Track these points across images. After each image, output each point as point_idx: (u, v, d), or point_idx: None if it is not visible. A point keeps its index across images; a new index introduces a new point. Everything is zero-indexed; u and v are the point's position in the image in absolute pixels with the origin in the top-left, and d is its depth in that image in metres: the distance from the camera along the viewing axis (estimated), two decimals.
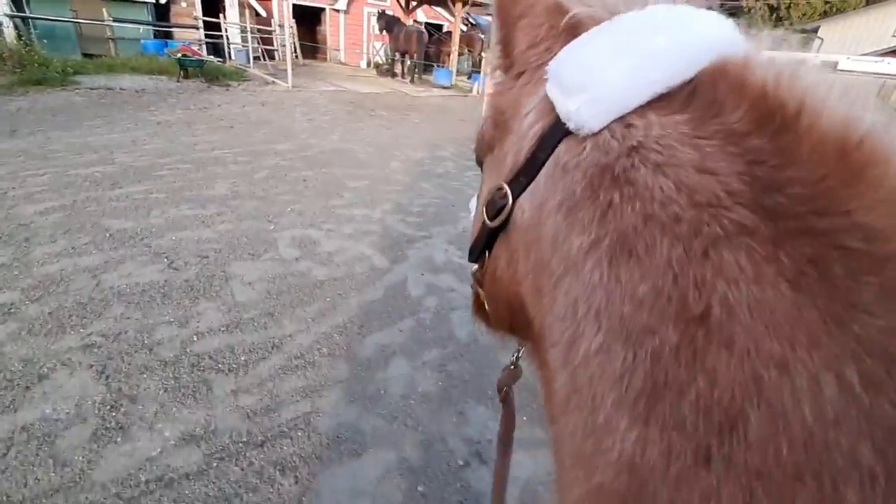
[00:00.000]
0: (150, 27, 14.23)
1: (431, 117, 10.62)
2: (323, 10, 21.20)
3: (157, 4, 14.46)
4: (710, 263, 0.29)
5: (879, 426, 0.23)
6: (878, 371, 0.24)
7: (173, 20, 15.40)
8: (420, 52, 16.18)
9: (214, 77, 11.96)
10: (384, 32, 16.86)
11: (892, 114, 0.29)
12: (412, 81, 16.27)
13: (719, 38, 0.35)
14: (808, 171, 0.27)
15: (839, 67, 20.18)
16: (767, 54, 0.33)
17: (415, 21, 19.20)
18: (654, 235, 0.31)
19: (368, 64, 21.98)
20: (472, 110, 12.40)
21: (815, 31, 26.86)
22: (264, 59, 16.21)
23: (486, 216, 0.47)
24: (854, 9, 38.93)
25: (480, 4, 16.35)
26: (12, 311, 2.63)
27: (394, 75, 16.88)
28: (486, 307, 0.57)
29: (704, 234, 0.29)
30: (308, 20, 21.70)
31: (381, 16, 16.32)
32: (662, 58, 0.34)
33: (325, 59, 22.07)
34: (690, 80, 0.34)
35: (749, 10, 40.53)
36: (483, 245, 0.50)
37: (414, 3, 18.49)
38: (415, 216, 4.69)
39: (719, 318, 0.27)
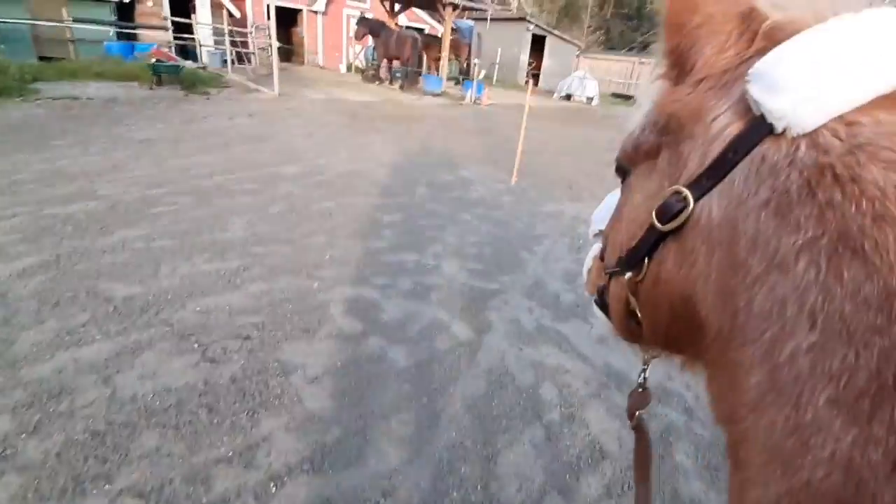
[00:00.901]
0: (114, 28, 12.93)
1: (437, 130, 9.94)
2: (299, 11, 20.17)
3: (120, 4, 13.17)
4: None
5: None
6: None
7: (138, 20, 14.13)
8: (414, 58, 15.44)
9: (191, 84, 10.89)
10: (366, 37, 15.93)
11: None
12: (402, 88, 15.52)
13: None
14: None
15: None
16: None
17: (398, 25, 18.46)
18: (886, 233, 0.31)
19: (349, 68, 21.07)
20: (476, 121, 11.78)
21: None
22: (238, 63, 15.10)
23: (656, 220, 0.46)
24: None
25: (472, 9, 15.81)
26: (6, 452, 1.82)
27: (381, 81, 16.07)
28: (639, 316, 0.55)
29: None
30: (283, 21, 20.57)
31: (363, 20, 15.41)
32: (877, 60, 0.34)
33: (301, 63, 21.01)
34: None
35: None
36: (644, 251, 0.49)
37: (399, 7, 17.74)
38: (473, 260, 4.02)
39: None
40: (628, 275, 0.53)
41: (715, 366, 0.43)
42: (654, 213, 0.46)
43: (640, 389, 0.71)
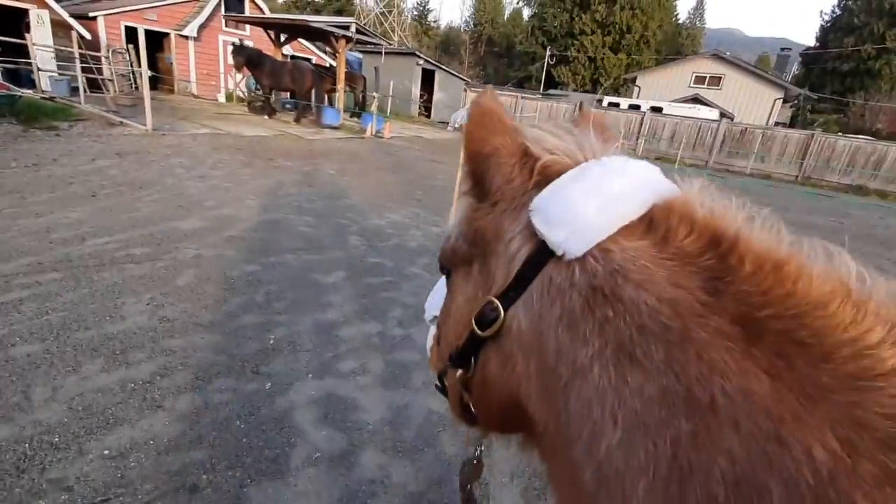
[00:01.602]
0: None
1: (347, 167, 9.33)
2: (166, 35, 18.13)
3: None
4: (704, 363, 0.35)
5: (865, 481, 0.29)
6: (851, 435, 0.30)
7: None
8: (316, 89, 14.56)
9: (31, 117, 8.89)
10: (244, 67, 14.58)
11: (796, 238, 0.39)
12: (297, 121, 14.55)
13: (658, 180, 0.47)
14: (756, 284, 0.36)
15: (665, 112, 24.39)
16: (700, 193, 0.45)
17: (283, 55, 17.49)
18: (650, 342, 0.37)
19: (229, 98, 19.37)
20: (384, 155, 11.37)
21: (634, 80, 32.24)
22: (88, 92, 12.87)
23: (475, 327, 0.52)
24: (651, 66, 48.20)
25: (366, 42, 15.58)
26: None
27: (270, 113, 14.91)
28: (473, 409, 0.60)
29: (694, 339, 0.36)
30: (147, 46, 18.31)
31: (241, 49, 14.10)
32: (626, 197, 0.44)
33: (170, 91, 18.79)
34: (645, 214, 0.43)
35: (574, 59, 47.25)
36: (470, 352, 0.55)
37: (285, 38, 16.85)
38: None
39: (724, 405, 0.33)
40: (459, 372, 0.58)
41: (550, 459, 0.49)
42: (473, 320, 0.52)
43: (475, 462, 0.74)
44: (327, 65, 20.68)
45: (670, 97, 28.36)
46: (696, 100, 28.39)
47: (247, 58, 13.88)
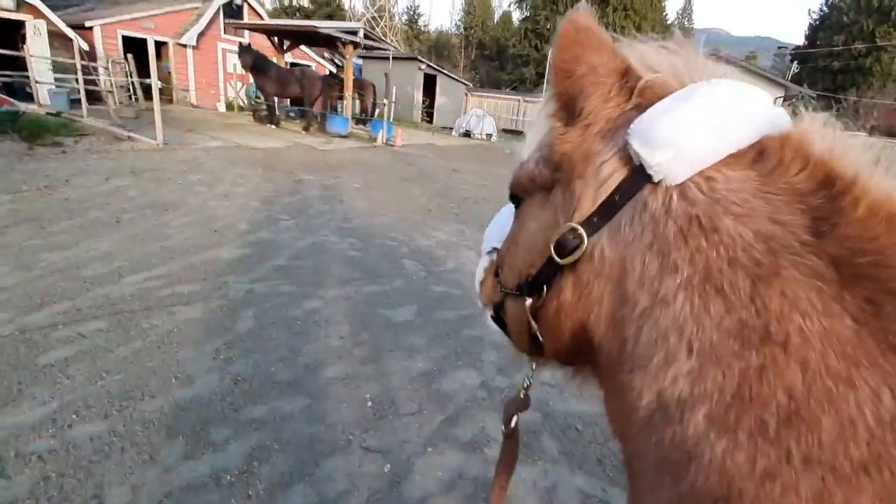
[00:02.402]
0: None
1: (370, 179, 8.88)
2: (164, 43, 17.58)
3: None
4: (788, 300, 0.36)
5: None
6: None
7: None
8: (325, 98, 14.09)
9: (34, 134, 8.35)
10: (248, 71, 14.13)
11: None
12: (306, 130, 14.07)
13: (773, 112, 0.45)
14: (864, 230, 0.35)
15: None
16: (821, 129, 0.42)
17: (285, 63, 17.01)
18: (738, 276, 0.38)
19: (229, 107, 18.85)
20: (402, 166, 10.93)
21: None
22: (90, 104, 12.31)
23: (555, 254, 0.51)
24: None
25: (374, 48, 15.15)
26: None
27: (276, 122, 14.42)
28: (540, 338, 0.60)
29: (782, 276, 0.37)
30: (143, 55, 17.75)
31: (248, 49, 13.60)
32: (736, 124, 0.43)
33: (170, 101, 18.21)
34: (755, 143, 0.42)
35: (530, 79, 47.18)
36: (543, 280, 0.55)
37: (288, 44, 16.38)
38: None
39: (797, 343, 0.35)
40: (529, 301, 0.58)
41: (608, 387, 0.51)
42: (552, 248, 0.52)
43: (522, 395, 0.77)
44: (327, 71, 20.21)
45: None
46: None
47: (253, 60, 13.39)
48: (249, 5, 19.17)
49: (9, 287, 3.32)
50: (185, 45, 17.64)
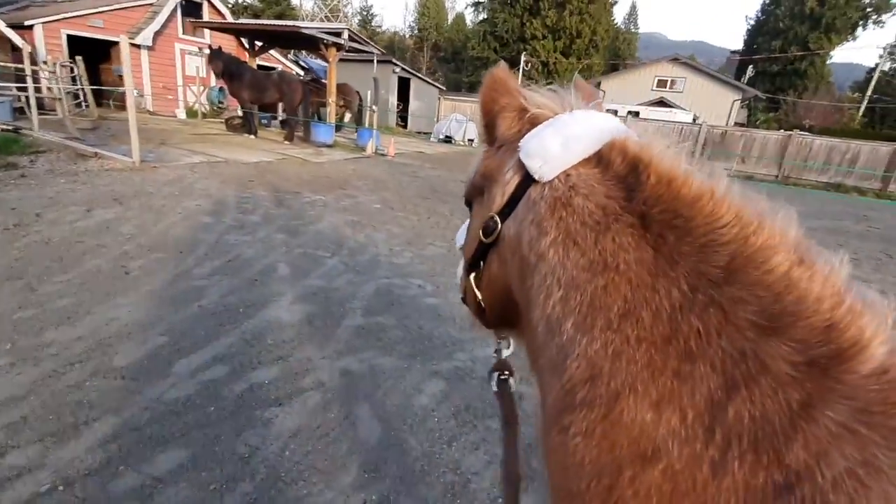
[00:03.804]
0: None
1: (385, 198, 8.01)
2: (115, 43, 15.74)
3: None
4: (616, 243, 0.54)
5: (696, 305, 0.47)
6: (694, 281, 0.48)
7: None
8: (306, 104, 12.91)
9: None
10: (220, 78, 12.77)
11: (683, 152, 0.60)
12: (289, 140, 12.86)
13: (611, 126, 0.64)
14: (654, 191, 0.53)
15: (642, 116, 24.59)
16: (636, 135, 0.63)
17: (257, 65, 15.65)
18: (586, 232, 0.56)
19: (190, 114, 17.19)
20: (408, 178, 10.05)
21: (598, 84, 32.61)
22: (27, 113, 10.62)
23: (482, 236, 0.73)
24: (600, 69, 49.32)
25: (359, 51, 14.15)
26: None
27: (253, 132, 13.12)
28: (484, 305, 0.81)
29: (612, 229, 0.55)
30: (91, 56, 15.79)
31: (218, 54, 12.24)
32: (582, 138, 0.62)
33: (121, 108, 16.37)
34: (598, 150, 0.61)
35: (528, 63, 47.56)
36: (479, 257, 0.76)
37: (259, 46, 15.05)
38: None
39: (624, 268, 0.52)
40: (472, 275, 0.79)
41: (524, 329, 0.70)
42: (480, 231, 0.73)
43: (495, 357, 0.92)
44: (297, 75, 18.88)
45: (635, 101, 28.84)
46: (661, 102, 29.07)
47: (225, 64, 12.08)
48: (210, 3, 17.60)
49: (20, 399, 2.32)
50: (139, 46, 15.87)
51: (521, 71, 46.01)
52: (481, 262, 0.76)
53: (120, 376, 2.60)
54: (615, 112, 25.14)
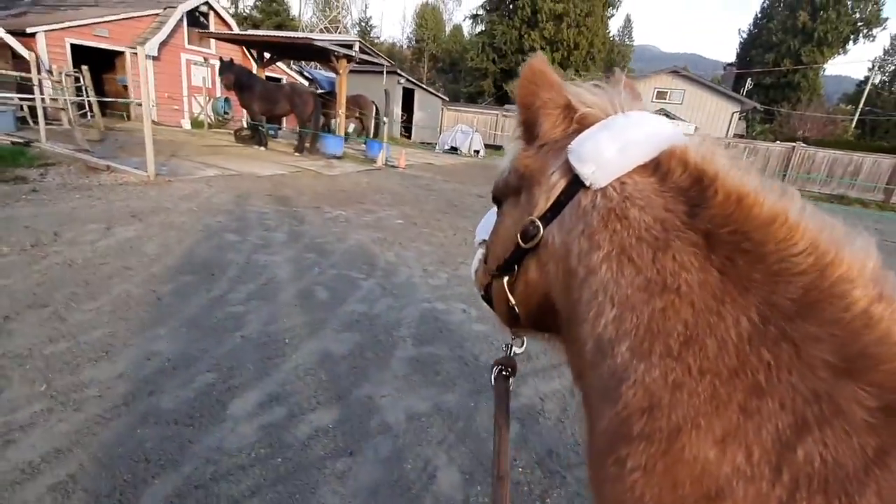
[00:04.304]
0: None
1: (405, 213, 7.82)
2: (120, 53, 15.60)
3: None
4: (677, 262, 0.51)
5: (767, 338, 0.45)
6: (766, 312, 0.45)
7: None
8: (316, 116, 12.75)
9: None
10: (231, 90, 12.60)
11: (760, 173, 0.54)
12: (300, 152, 12.68)
13: (669, 132, 0.60)
14: (722, 209, 0.50)
15: None
16: (696, 143, 0.58)
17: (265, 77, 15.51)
18: (643, 248, 0.53)
19: (196, 124, 17.01)
20: (423, 192, 9.87)
21: None
22: (33, 123, 10.40)
23: (520, 241, 0.68)
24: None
25: (369, 62, 14.06)
26: None
27: (264, 144, 12.93)
28: (517, 309, 0.76)
29: (673, 246, 0.52)
30: (95, 65, 15.59)
31: (230, 66, 12.11)
32: (640, 143, 0.58)
33: (127, 119, 16.18)
34: (655, 157, 0.58)
35: (488, 92, 47.69)
36: (514, 261, 0.72)
37: (269, 57, 14.93)
38: None
39: (686, 290, 0.49)
40: (506, 278, 0.74)
41: (567, 341, 0.67)
42: (519, 235, 0.68)
43: (506, 354, 0.96)
44: (307, 86, 18.76)
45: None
46: (662, 114, 29.19)
47: (237, 76, 11.93)
48: (217, 14, 17.50)
49: (65, 453, 2.10)
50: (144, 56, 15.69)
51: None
52: (515, 266, 0.72)
53: (172, 421, 2.37)
54: None
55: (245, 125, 13.92)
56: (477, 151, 20.31)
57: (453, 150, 20.35)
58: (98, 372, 2.69)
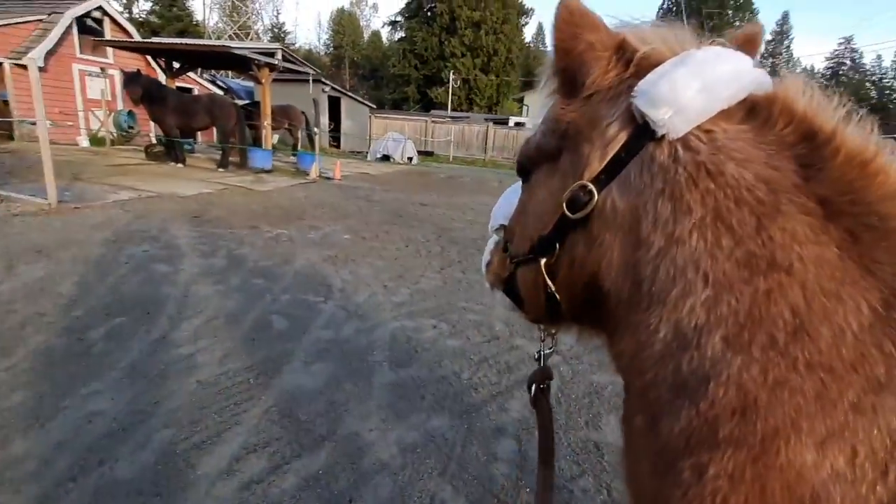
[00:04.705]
0: None
1: (350, 226, 7.52)
2: None
3: None
4: (787, 233, 0.43)
5: (892, 327, 0.40)
6: (890, 298, 0.40)
7: None
8: (242, 129, 11.89)
9: None
10: (139, 105, 11.42)
11: (882, 140, 0.47)
12: (224, 167, 11.80)
13: (757, 73, 0.51)
14: (844, 174, 0.44)
15: None
16: (801, 89, 0.49)
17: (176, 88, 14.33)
18: (745, 213, 0.45)
19: (97, 142, 15.35)
20: (366, 204, 9.56)
21: (521, 100, 34.11)
22: None
23: (566, 210, 0.57)
24: (517, 86, 51.53)
25: (294, 71, 13.47)
26: None
27: (181, 160, 11.91)
28: (557, 296, 0.65)
29: (783, 212, 0.44)
30: None
31: (136, 78, 10.97)
32: (727, 82, 0.50)
33: (7, 138, 14.22)
34: (744, 101, 0.50)
35: (448, 80, 48.62)
36: (556, 238, 0.61)
37: (178, 66, 13.82)
38: None
39: (798, 268, 0.42)
40: (543, 260, 0.63)
41: (618, 330, 0.56)
42: (564, 205, 0.57)
43: (540, 365, 0.83)
44: (219, 95, 17.56)
45: None
46: None
47: (145, 89, 10.88)
48: (113, 20, 15.91)
49: None
50: (26, 67, 13.88)
51: (449, 87, 46.87)
52: (556, 245, 0.61)
53: (134, 492, 2.05)
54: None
55: (155, 140, 12.70)
56: (410, 159, 20.23)
57: (385, 158, 20.10)
58: (31, 443, 2.27)
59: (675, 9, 51.30)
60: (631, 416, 0.53)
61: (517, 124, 26.62)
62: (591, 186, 0.54)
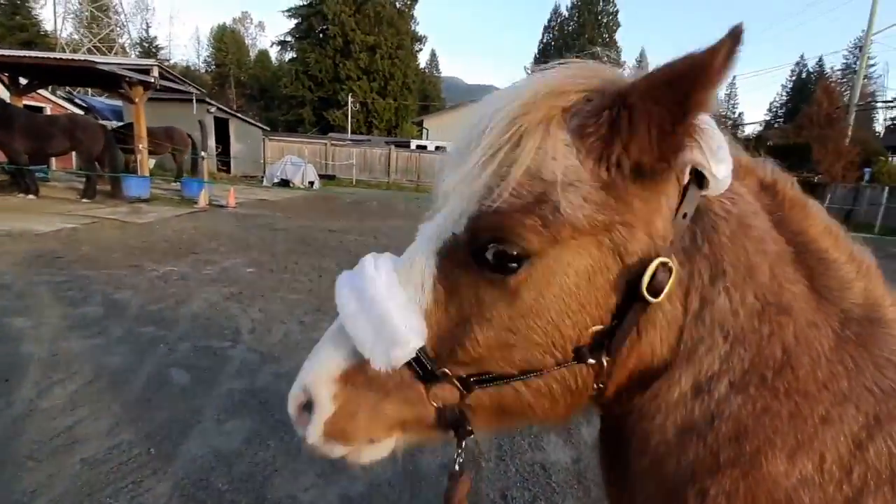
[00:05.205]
0: None
1: (254, 259, 6.90)
2: None
3: None
4: (785, 276, 0.51)
5: (849, 345, 0.50)
6: (843, 318, 0.50)
7: None
8: (111, 154, 10.30)
9: None
10: None
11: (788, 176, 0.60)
12: (89, 197, 10.16)
13: (728, 143, 0.56)
14: (793, 217, 0.56)
15: None
16: (757, 160, 0.60)
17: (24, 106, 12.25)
18: (764, 263, 0.51)
19: None
20: (269, 234, 8.89)
21: (421, 123, 34.86)
22: None
23: (648, 295, 0.50)
24: (414, 109, 52.75)
25: (173, 90, 12.24)
26: None
27: (33, 192, 10.06)
28: (606, 391, 0.58)
29: (782, 258, 0.51)
30: None
31: None
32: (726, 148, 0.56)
33: None
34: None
35: (346, 103, 48.21)
36: (620, 329, 0.53)
37: (26, 82, 11.83)
38: None
39: (795, 307, 0.51)
40: (592, 361, 0.55)
41: (628, 396, 0.57)
42: (644, 289, 0.50)
43: (460, 474, 0.66)
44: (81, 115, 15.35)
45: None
46: None
47: None
48: None
49: None
50: None
51: (349, 109, 46.24)
52: (622, 335, 0.53)
53: None
54: (437, 148, 27.06)
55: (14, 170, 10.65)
56: (311, 183, 19.45)
57: (284, 182, 19.10)
58: None
59: (553, 45, 56.69)
60: (636, 456, 0.55)
61: (419, 147, 27.04)
62: (670, 262, 0.50)
